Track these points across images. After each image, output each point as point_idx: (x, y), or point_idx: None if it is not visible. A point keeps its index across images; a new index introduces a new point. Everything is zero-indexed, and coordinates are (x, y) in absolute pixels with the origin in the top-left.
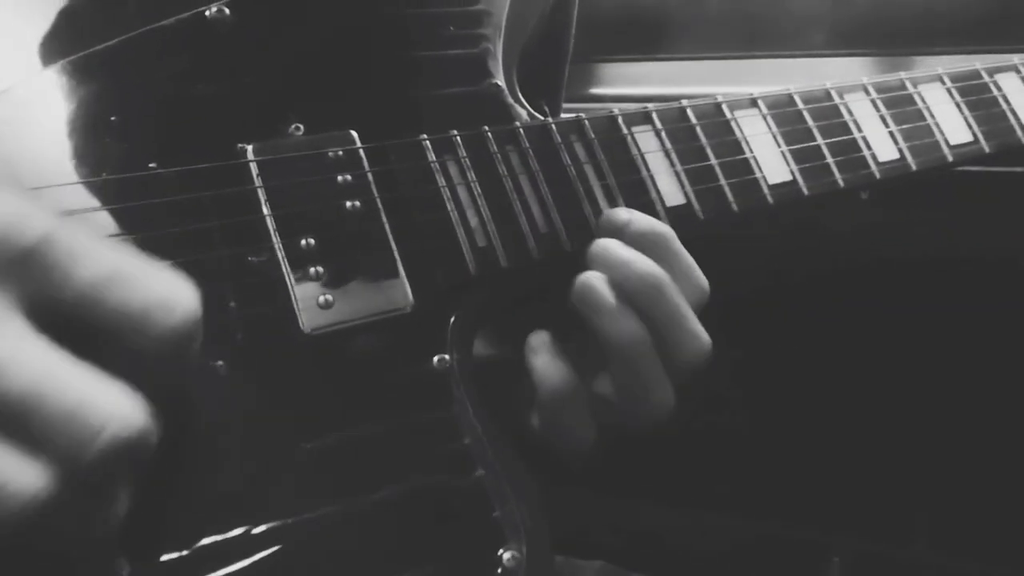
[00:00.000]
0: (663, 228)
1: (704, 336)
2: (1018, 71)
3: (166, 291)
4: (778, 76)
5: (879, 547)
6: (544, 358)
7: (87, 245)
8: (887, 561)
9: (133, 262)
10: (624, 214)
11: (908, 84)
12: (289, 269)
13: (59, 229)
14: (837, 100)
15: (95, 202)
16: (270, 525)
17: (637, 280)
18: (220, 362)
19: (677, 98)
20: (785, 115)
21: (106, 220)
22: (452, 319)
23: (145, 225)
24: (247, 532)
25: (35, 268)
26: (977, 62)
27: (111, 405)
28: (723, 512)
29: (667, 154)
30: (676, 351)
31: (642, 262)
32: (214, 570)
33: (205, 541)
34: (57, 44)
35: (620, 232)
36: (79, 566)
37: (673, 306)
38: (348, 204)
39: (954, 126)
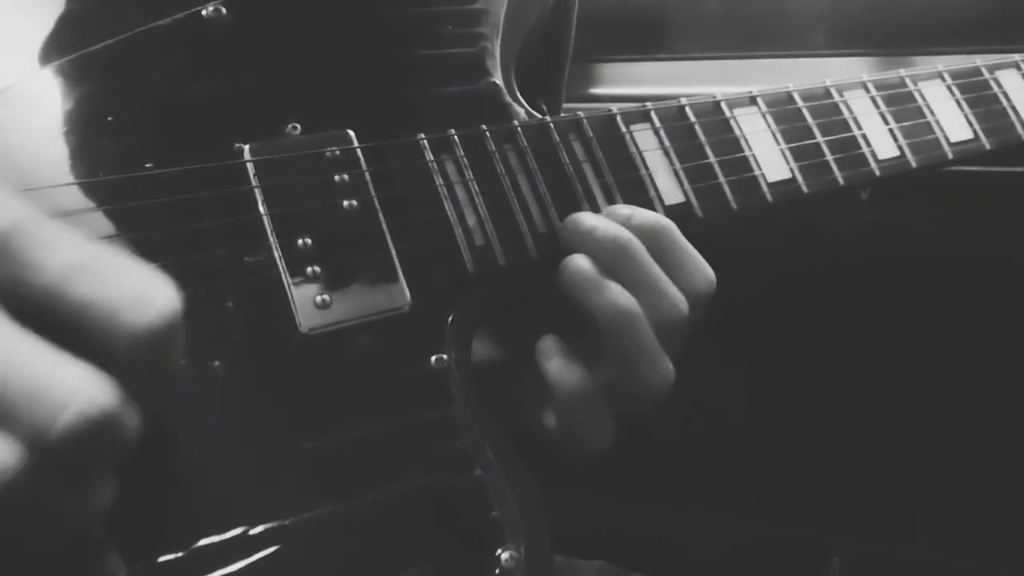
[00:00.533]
0: (665, 222)
1: (679, 297)
2: (1019, 68)
3: (140, 289)
4: (778, 76)
5: (879, 547)
6: (556, 361)
7: (59, 236)
8: (887, 561)
9: (109, 257)
10: (625, 210)
11: (908, 81)
12: (286, 269)
13: (30, 219)
14: (836, 98)
15: (92, 203)
16: (267, 525)
17: (605, 243)
18: (217, 362)
19: (676, 98)
20: (784, 113)
21: (102, 221)
22: (450, 318)
23: (142, 225)
24: (245, 533)
25: (2, 255)
26: (977, 59)
27: (76, 382)
28: (723, 512)
29: (666, 152)
30: (657, 315)
31: (606, 225)
32: (212, 571)
33: (202, 542)
34: (53, 44)
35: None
36: (63, 562)
37: (643, 265)
38: (345, 203)
39: (954, 123)
